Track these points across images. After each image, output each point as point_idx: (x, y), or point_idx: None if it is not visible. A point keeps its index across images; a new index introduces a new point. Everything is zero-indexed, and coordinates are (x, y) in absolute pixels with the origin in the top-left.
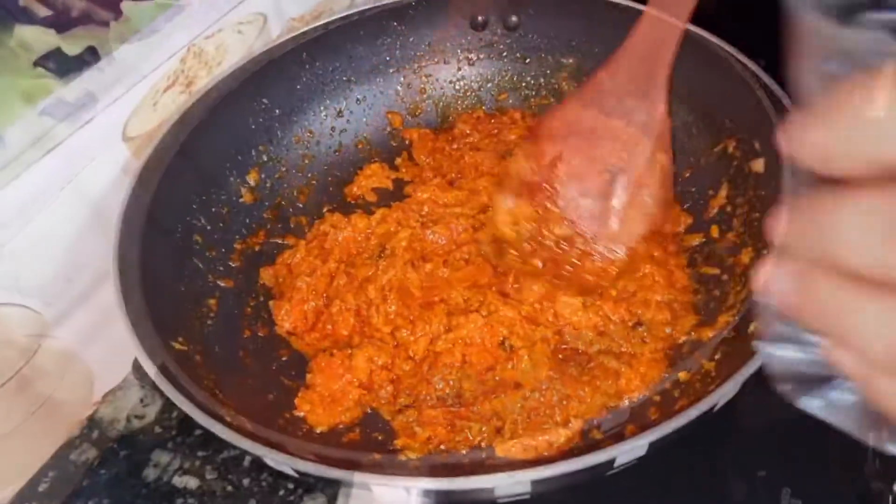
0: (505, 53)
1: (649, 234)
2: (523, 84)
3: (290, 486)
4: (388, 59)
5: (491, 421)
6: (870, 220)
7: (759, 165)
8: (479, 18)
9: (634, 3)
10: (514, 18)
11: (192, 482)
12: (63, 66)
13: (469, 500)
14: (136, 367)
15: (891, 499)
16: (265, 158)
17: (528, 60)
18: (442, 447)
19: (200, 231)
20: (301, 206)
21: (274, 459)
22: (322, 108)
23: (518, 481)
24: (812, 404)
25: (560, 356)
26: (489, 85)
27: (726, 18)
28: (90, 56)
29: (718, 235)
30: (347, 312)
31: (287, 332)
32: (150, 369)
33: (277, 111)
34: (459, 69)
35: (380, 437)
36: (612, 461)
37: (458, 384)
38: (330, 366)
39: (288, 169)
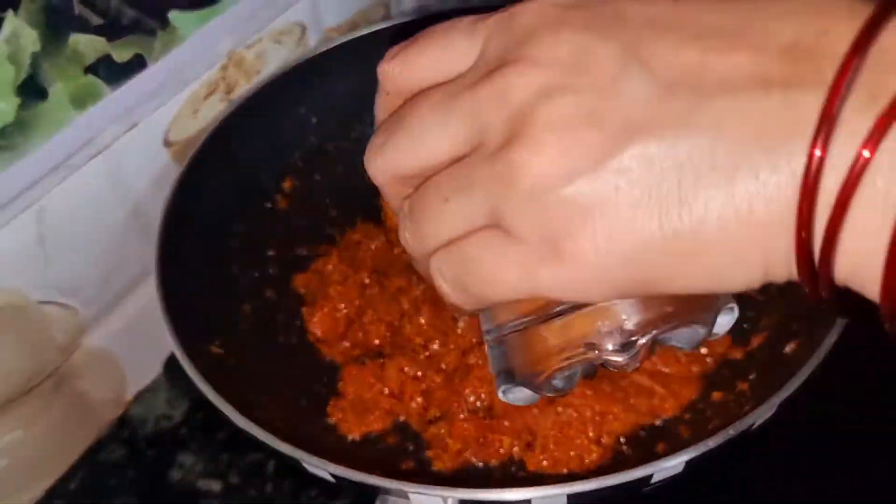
0: None
1: None
2: None
3: (313, 493)
4: None
5: (522, 435)
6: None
7: None
8: None
9: None
10: None
11: (215, 485)
12: (112, 72)
13: None
14: (167, 368)
15: None
16: (300, 166)
17: None
18: (473, 459)
19: (237, 236)
20: (335, 215)
21: (312, 464)
22: (357, 118)
23: (555, 494)
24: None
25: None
26: None
27: None
28: (137, 63)
29: None
30: (379, 322)
31: (317, 339)
32: (190, 370)
33: (314, 120)
34: None
35: (411, 447)
36: (648, 478)
37: (489, 397)
38: (361, 374)
39: (322, 177)
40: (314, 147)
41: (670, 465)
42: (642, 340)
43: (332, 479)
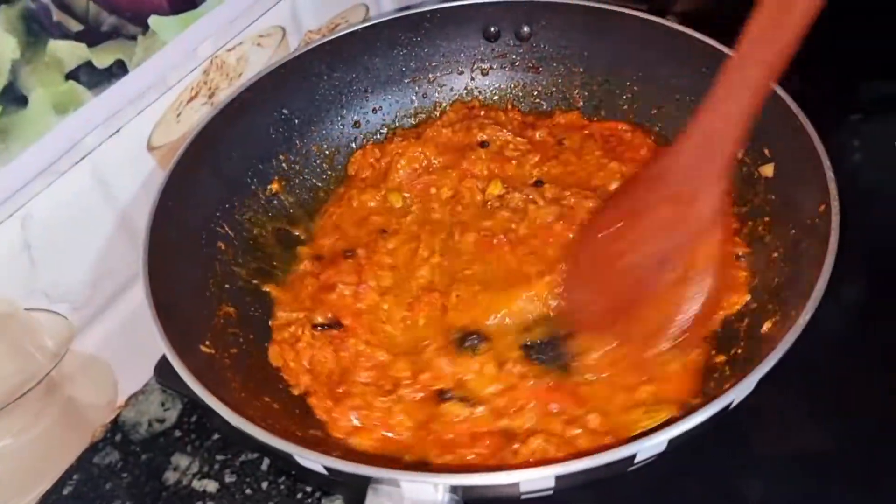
0: (517, 63)
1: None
2: (535, 93)
3: (308, 489)
4: (403, 69)
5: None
6: None
7: (768, 170)
8: (493, 29)
9: (641, 14)
10: (526, 29)
11: (211, 485)
12: (93, 78)
13: (495, 496)
14: (158, 370)
15: None
16: (285, 167)
17: (539, 70)
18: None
19: (224, 238)
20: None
21: (305, 457)
22: (339, 117)
23: (543, 476)
24: None
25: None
26: (502, 94)
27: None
28: (118, 69)
29: None
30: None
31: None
32: (182, 370)
33: (297, 121)
34: (473, 79)
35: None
36: (632, 457)
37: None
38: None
39: (307, 178)
40: (298, 148)
41: (653, 444)
42: None
43: (325, 472)
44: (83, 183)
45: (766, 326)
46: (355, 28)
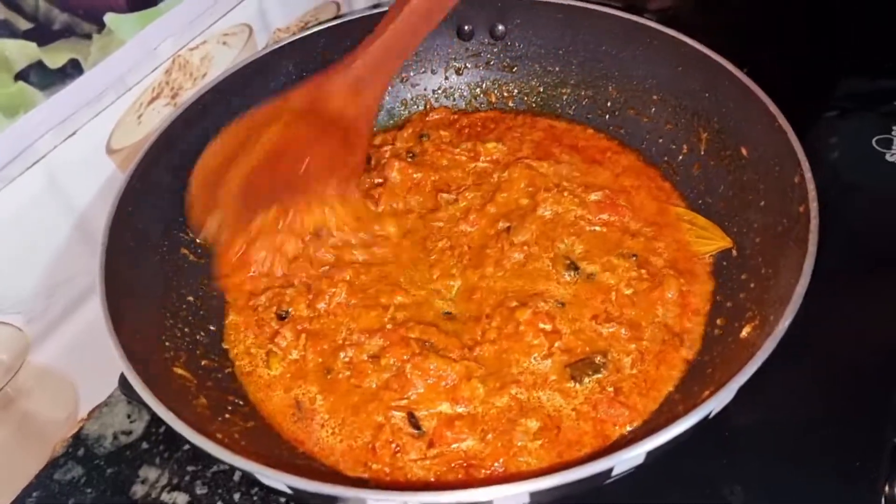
0: (492, 62)
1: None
2: (510, 93)
3: (282, 500)
4: None
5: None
6: None
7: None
8: (466, 28)
9: (617, 12)
10: (500, 28)
11: (181, 498)
12: (45, 79)
13: None
14: (123, 382)
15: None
16: None
17: (514, 69)
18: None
19: (187, 245)
20: None
21: (268, 476)
22: None
23: (517, 492)
24: None
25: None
26: (476, 93)
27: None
28: (73, 69)
29: None
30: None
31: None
32: (138, 385)
33: None
34: (447, 78)
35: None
36: (609, 470)
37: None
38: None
39: None
40: None
41: (631, 456)
42: None
43: (289, 492)
44: (36, 188)
45: (745, 331)
46: (325, 26)
